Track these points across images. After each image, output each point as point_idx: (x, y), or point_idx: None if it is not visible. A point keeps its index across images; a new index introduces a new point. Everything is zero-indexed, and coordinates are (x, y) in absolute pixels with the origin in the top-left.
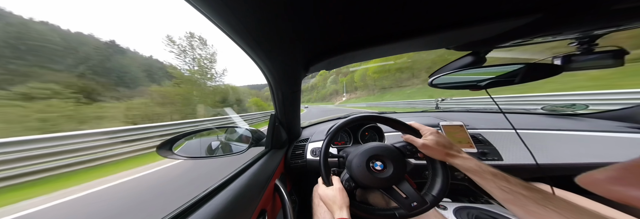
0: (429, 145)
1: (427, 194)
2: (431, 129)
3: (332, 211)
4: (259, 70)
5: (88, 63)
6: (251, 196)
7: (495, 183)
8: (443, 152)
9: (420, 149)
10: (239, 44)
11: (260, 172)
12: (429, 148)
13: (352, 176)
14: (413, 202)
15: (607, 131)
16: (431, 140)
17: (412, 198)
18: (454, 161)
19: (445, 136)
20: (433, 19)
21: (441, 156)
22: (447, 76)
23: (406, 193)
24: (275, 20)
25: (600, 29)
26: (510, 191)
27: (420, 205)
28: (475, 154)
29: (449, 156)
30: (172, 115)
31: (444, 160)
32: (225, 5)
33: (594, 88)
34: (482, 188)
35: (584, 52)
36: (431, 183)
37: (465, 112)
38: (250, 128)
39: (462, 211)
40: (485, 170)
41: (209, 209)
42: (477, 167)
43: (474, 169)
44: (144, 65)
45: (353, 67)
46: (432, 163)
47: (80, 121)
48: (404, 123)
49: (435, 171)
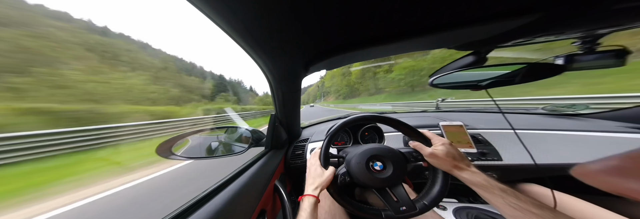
0: (438, 155)
1: (419, 201)
2: (443, 139)
3: (307, 185)
4: (259, 70)
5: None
6: (251, 197)
7: (504, 200)
8: (451, 164)
9: (427, 158)
10: (240, 44)
11: (260, 172)
12: (437, 158)
13: (349, 171)
14: (403, 206)
15: (607, 131)
16: (441, 150)
17: (402, 202)
18: (460, 174)
19: (457, 148)
20: (434, 18)
21: (448, 168)
22: (448, 76)
23: (398, 196)
24: (275, 20)
25: (602, 28)
26: (520, 208)
27: (408, 210)
28: (475, 154)
29: (456, 169)
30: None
31: (450, 171)
32: (226, 5)
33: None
34: (489, 203)
35: (586, 51)
36: (427, 191)
37: (465, 112)
38: (250, 129)
39: (462, 211)
40: (494, 185)
41: (208, 209)
42: (486, 182)
43: (482, 184)
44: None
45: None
46: (434, 171)
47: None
48: (415, 130)
49: (435, 180)
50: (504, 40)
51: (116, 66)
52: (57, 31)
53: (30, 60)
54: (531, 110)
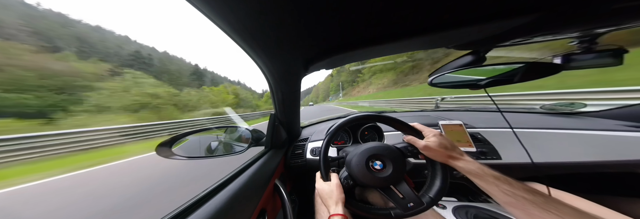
0: (431, 146)
1: (424, 195)
2: (434, 131)
3: (328, 206)
4: (259, 69)
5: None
6: (251, 196)
7: (498, 187)
8: (445, 154)
9: (421, 150)
10: (239, 43)
11: (260, 172)
12: (430, 150)
13: (350, 174)
14: (410, 202)
15: (606, 130)
16: (433, 141)
17: (409, 198)
18: (456, 164)
19: (448, 138)
20: (433, 18)
21: (443, 159)
22: (447, 75)
23: (404, 193)
24: (275, 19)
25: (600, 27)
26: (513, 194)
27: (416, 206)
28: (474, 153)
29: (450, 159)
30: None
31: (445, 162)
32: (225, 4)
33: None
34: (484, 190)
35: (584, 50)
36: (430, 184)
37: (465, 111)
38: (250, 128)
39: (461, 210)
40: (488, 173)
41: (208, 209)
42: (480, 170)
43: (476, 172)
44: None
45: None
46: (433, 164)
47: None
48: (406, 124)
49: (435, 172)
50: (503, 40)
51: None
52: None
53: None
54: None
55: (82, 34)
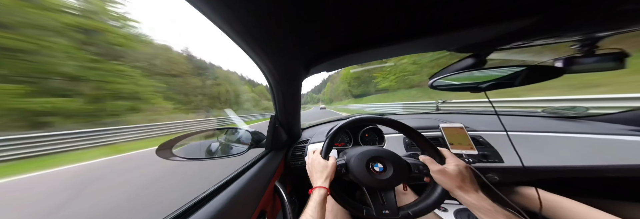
0: (449, 172)
1: (404, 209)
2: (460, 160)
3: (315, 178)
4: (260, 71)
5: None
6: (251, 198)
7: None
8: (456, 184)
9: (433, 174)
10: (240, 45)
11: (260, 173)
12: (445, 175)
13: (348, 164)
14: (386, 210)
15: (608, 134)
16: (453, 169)
17: (388, 206)
18: (463, 196)
19: (471, 173)
20: (434, 20)
21: (451, 187)
22: (448, 78)
23: (386, 200)
24: (276, 21)
25: (602, 31)
26: None
27: (390, 215)
28: (476, 156)
29: (460, 189)
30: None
31: (451, 191)
32: (227, 7)
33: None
34: None
35: (586, 54)
36: (417, 203)
37: (466, 114)
38: (250, 130)
39: (463, 213)
40: (500, 211)
41: (208, 210)
42: (491, 207)
43: (488, 209)
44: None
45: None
46: (434, 187)
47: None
48: (433, 146)
49: (432, 194)
50: (504, 43)
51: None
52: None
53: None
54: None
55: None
